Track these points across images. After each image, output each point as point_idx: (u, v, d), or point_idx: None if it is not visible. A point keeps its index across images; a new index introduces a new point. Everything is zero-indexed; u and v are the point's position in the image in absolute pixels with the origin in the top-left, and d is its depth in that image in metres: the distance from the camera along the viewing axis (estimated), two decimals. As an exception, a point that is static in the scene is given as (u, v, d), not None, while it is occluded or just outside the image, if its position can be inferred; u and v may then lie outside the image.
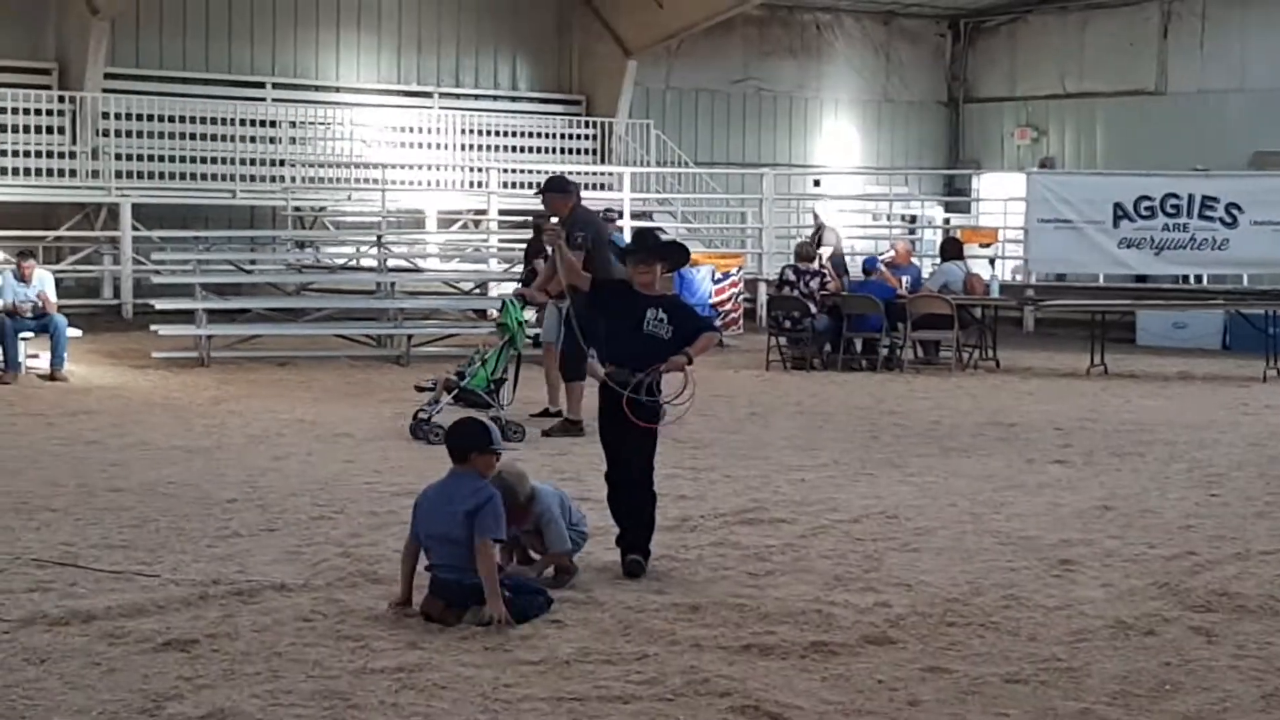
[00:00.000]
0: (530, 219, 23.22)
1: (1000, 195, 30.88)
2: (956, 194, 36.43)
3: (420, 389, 15.23)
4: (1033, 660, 7.62)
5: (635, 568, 9.28)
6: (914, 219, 33.80)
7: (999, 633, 8.13)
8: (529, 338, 16.26)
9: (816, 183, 35.19)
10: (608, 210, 23.34)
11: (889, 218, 34.10)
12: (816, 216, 24.41)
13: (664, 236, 14.27)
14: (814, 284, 21.51)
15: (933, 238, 31.54)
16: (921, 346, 22.31)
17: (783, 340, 21.83)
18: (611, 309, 9.70)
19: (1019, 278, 27.61)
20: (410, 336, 21.72)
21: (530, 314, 16.58)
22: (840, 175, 35.34)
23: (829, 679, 7.28)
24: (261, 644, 7.61)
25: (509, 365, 15.02)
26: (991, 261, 29.95)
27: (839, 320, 21.51)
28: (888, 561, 9.77)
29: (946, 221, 33.01)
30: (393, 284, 23.17)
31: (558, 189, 15.24)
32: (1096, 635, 8.08)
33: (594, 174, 31.04)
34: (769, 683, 7.16)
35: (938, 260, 24.04)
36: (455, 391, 14.70)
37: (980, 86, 38.12)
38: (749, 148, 35.32)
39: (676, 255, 10.19)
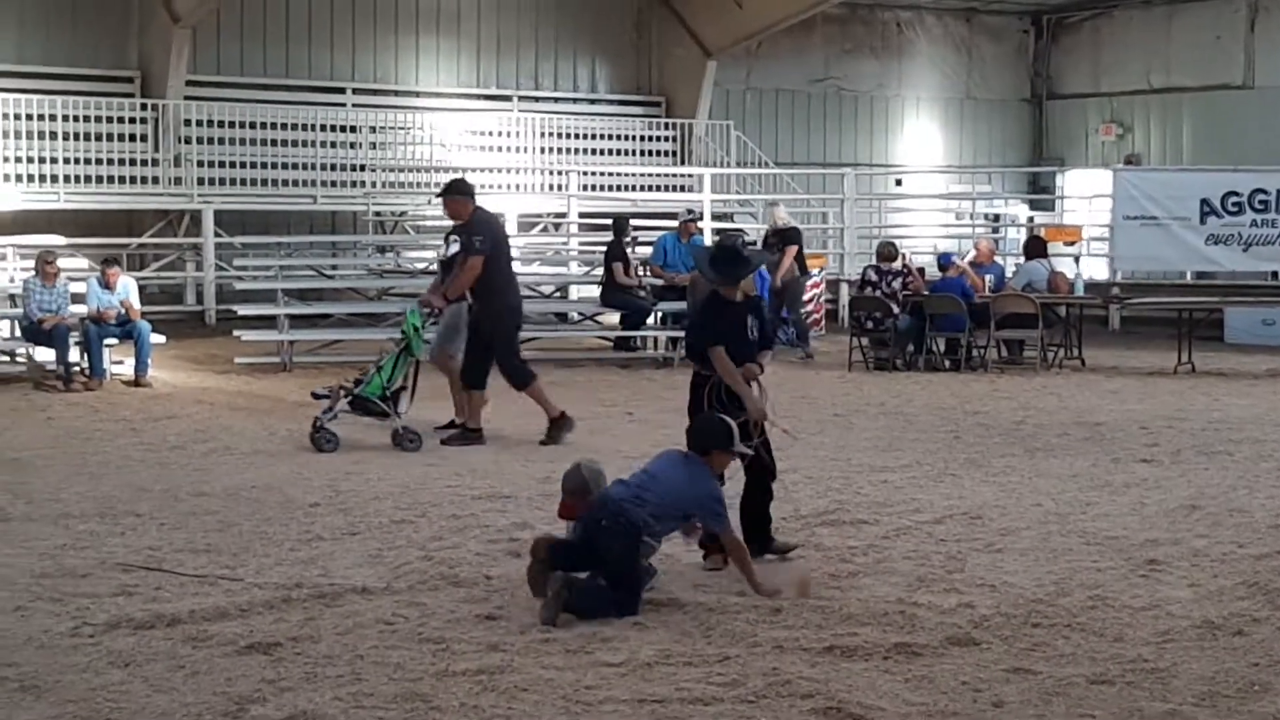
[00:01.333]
0: (611, 221, 23.19)
1: (1085, 193, 30.61)
2: (1040, 192, 36.11)
3: (316, 396, 14.80)
4: (1119, 661, 7.53)
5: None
6: (997, 218, 33.54)
7: (1084, 633, 8.03)
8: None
9: (898, 182, 35.03)
10: (688, 212, 23.29)
11: (972, 217, 33.86)
12: (776, 220, 23.95)
13: (744, 239, 14.18)
14: (896, 284, 21.39)
15: (1016, 236, 31.31)
16: (1006, 346, 22.11)
17: (865, 341, 21.71)
18: (726, 321, 9.90)
19: (1105, 276, 27.32)
20: (491, 340, 21.70)
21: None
22: (922, 174, 35.11)
23: (912, 680, 7.21)
24: (343, 646, 7.63)
25: (406, 373, 14.63)
26: (1076, 260, 29.72)
27: (922, 320, 21.36)
28: (971, 562, 9.69)
29: (1030, 220, 32.71)
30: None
31: (458, 191, 14.95)
32: (1183, 636, 7.97)
33: (674, 175, 31.01)
34: (852, 684, 7.11)
35: (1021, 259, 23.82)
36: (350, 399, 14.40)
37: (1064, 83, 37.79)
38: (829, 148, 35.17)
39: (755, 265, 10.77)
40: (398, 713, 6.61)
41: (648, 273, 22.71)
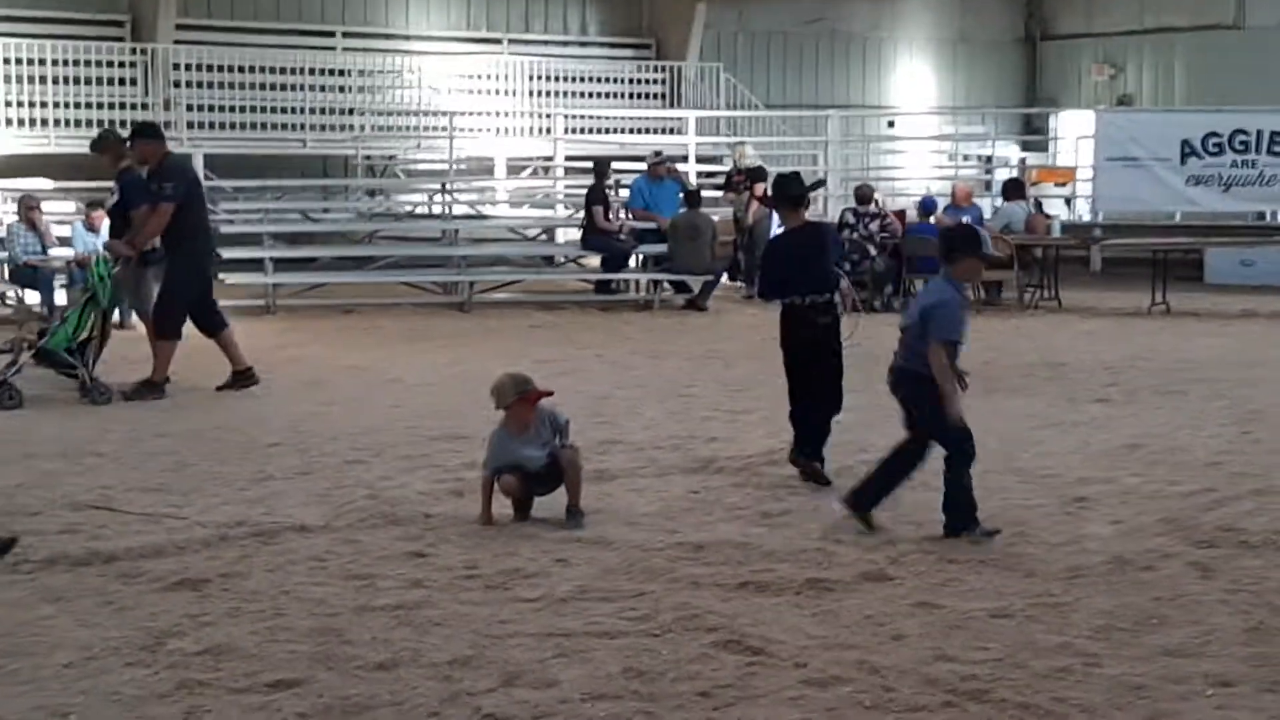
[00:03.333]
0: (592, 164, 23.32)
1: (1075, 134, 30.64)
2: (1035, 134, 36.12)
3: None
4: (1024, 596, 7.73)
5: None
6: (989, 159, 33.57)
7: (997, 569, 8.24)
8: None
9: (891, 124, 35.08)
10: (655, 154, 23.33)
11: (965, 158, 33.92)
12: (742, 158, 23.91)
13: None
14: (873, 226, 21.54)
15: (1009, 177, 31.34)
16: (984, 288, 22.24)
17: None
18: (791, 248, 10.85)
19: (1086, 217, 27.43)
20: (473, 283, 21.94)
21: None
22: (915, 116, 35.14)
23: (818, 614, 7.42)
24: (271, 583, 7.86)
25: (93, 323, 13.92)
26: (1068, 201, 29.83)
27: (899, 262, 21.50)
28: (905, 501, 9.84)
29: (1022, 161, 32.75)
30: (456, 231, 23.38)
31: (148, 135, 14.52)
32: (1093, 571, 8.18)
33: (661, 119, 31.06)
34: (758, 619, 7.32)
35: (999, 201, 23.96)
36: (35, 351, 13.81)
37: (1058, 23, 37.76)
38: (822, 90, 35.15)
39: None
40: (310, 645, 6.83)
41: (630, 216, 22.84)
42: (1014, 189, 23.53)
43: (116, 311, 15.53)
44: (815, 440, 10.80)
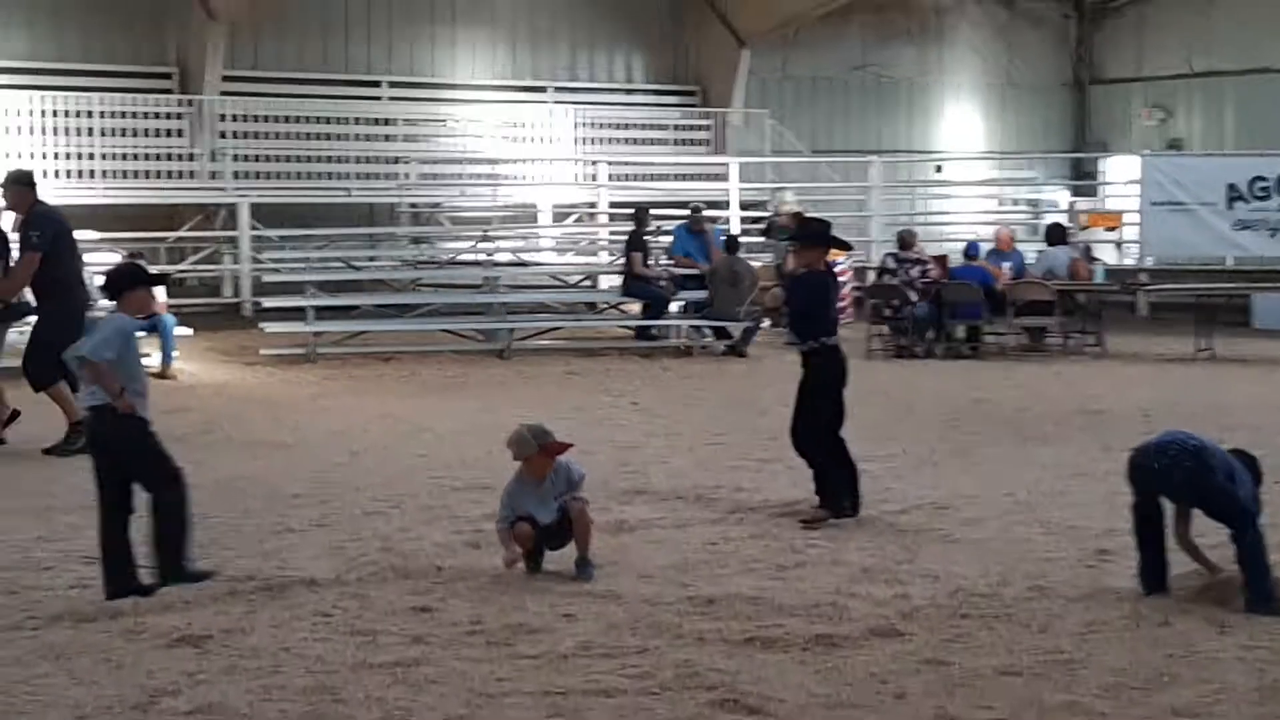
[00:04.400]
0: (632, 211, 23.32)
1: (1123, 178, 30.45)
2: (1085, 178, 35.92)
3: None
4: (1035, 652, 7.61)
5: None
6: (1037, 204, 33.41)
7: (1011, 624, 8.12)
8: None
9: (939, 169, 34.96)
10: (694, 209, 23.32)
11: (1014, 203, 33.74)
12: (781, 207, 23.71)
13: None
14: (914, 272, 21.43)
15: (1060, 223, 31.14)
16: (1027, 333, 22.10)
17: (884, 329, 21.75)
18: (813, 290, 11.07)
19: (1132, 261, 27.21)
20: (512, 330, 21.94)
21: None
22: (963, 160, 35.00)
23: (822, 672, 7.32)
24: (273, 639, 7.81)
25: None
26: (1118, 245, 29.61)
27: (940, 307, 21.38)
28: (923, 553, 9.77)
29: (1071, 206, 32.55)
30: (498, 278, 23.38)
31: (19, 181, 14.12)
32: (1108, 626, 8.04)
33: (705, 165, 31.05)
34: (760, 676, 7.22)
35: (1043, 246, 23.80)
36: None
37: (1106, 67, 37.55)
38: (868, 135, 35.06)
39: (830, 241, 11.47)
40: (301, 704, 6.78)
41: (671, 262, 22.82)
42: (1057, 234, 23.36)
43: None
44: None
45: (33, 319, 14.52)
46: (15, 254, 14.16)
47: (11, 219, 15.13)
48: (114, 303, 9.11)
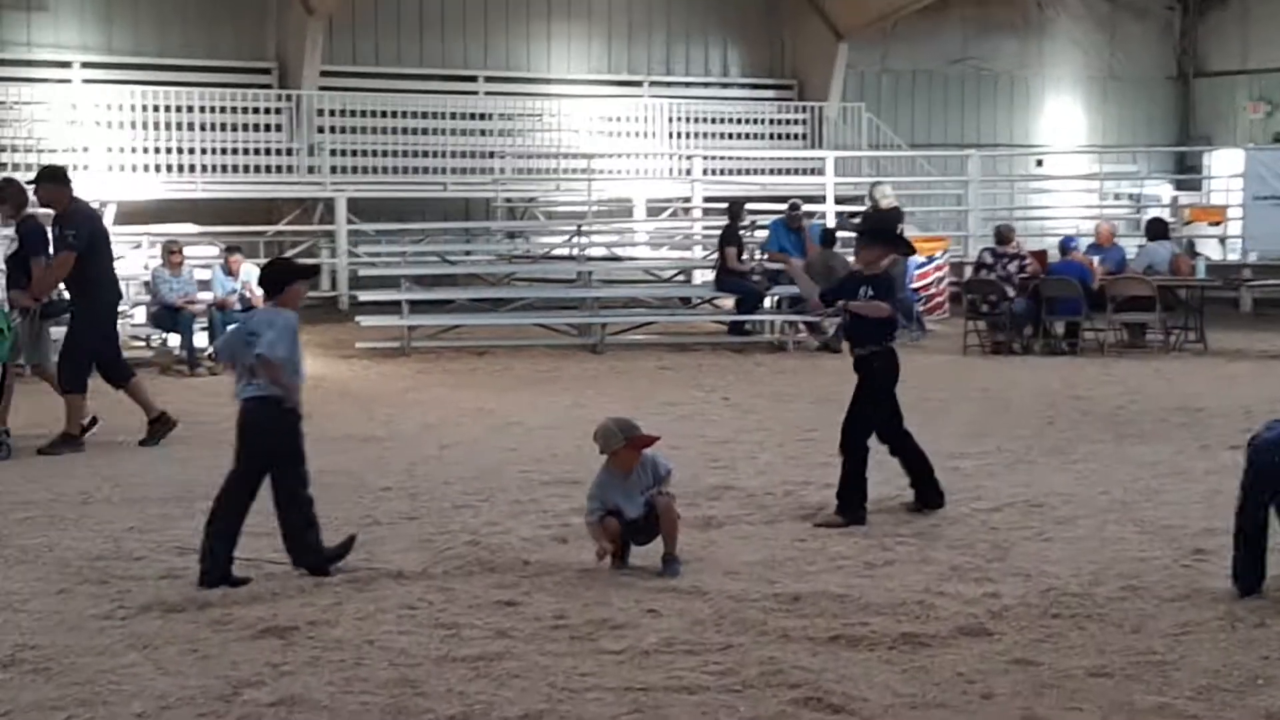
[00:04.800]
0: (727, 205, 23.23)
1: (1227, 172, 30.02)
2: (1189, 172, 35.42)
3: None
4: (1127, 653, 7.46)
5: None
6: (1139, 198, 32.98)
7: (1103, 624, 7.97)
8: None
9: (1039, 163, 34.59)
10: (792, 206, 23.20)
11: (1115, 197, 33.33)
12: (878, 200, 23.32)
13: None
14: (1012, 267, 21.19)
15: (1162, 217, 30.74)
16: (1127, 330, 21.80)
17: (981, 324, 21.53)
18: (845, 290, 10.88)
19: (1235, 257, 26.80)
20: (605, 325, 21.92)
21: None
22: (1063, 154, 34.62)
23: (909, 671, 7.22)
24: (357, 631, 7.81)
25: None
26: (1222, 240, 29.18)
27: (1038, 303, 21.14)
28: (1015, 552, 9.63)
29: (1174, 200, 32.12)
30: (590, 273, 23.39)
31: (52, 179, 13.82)
32: (1202, 628, 7.88)
33: (800, 159, 30.91)
34: (845, 674, 7.13)
35: (1144, 241, 23.48)
36: None
37: (1211, 60, 37.05)
38: (968, 129, 34.82)
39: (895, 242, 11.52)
40: (383, 698, 6.76)
41: (765, 257, 22.72)
42: (1158, 228, 23.02)
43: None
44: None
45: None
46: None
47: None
48: (271, 299, 9.27)
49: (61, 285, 14.03)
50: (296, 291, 9.25)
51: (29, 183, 14.35)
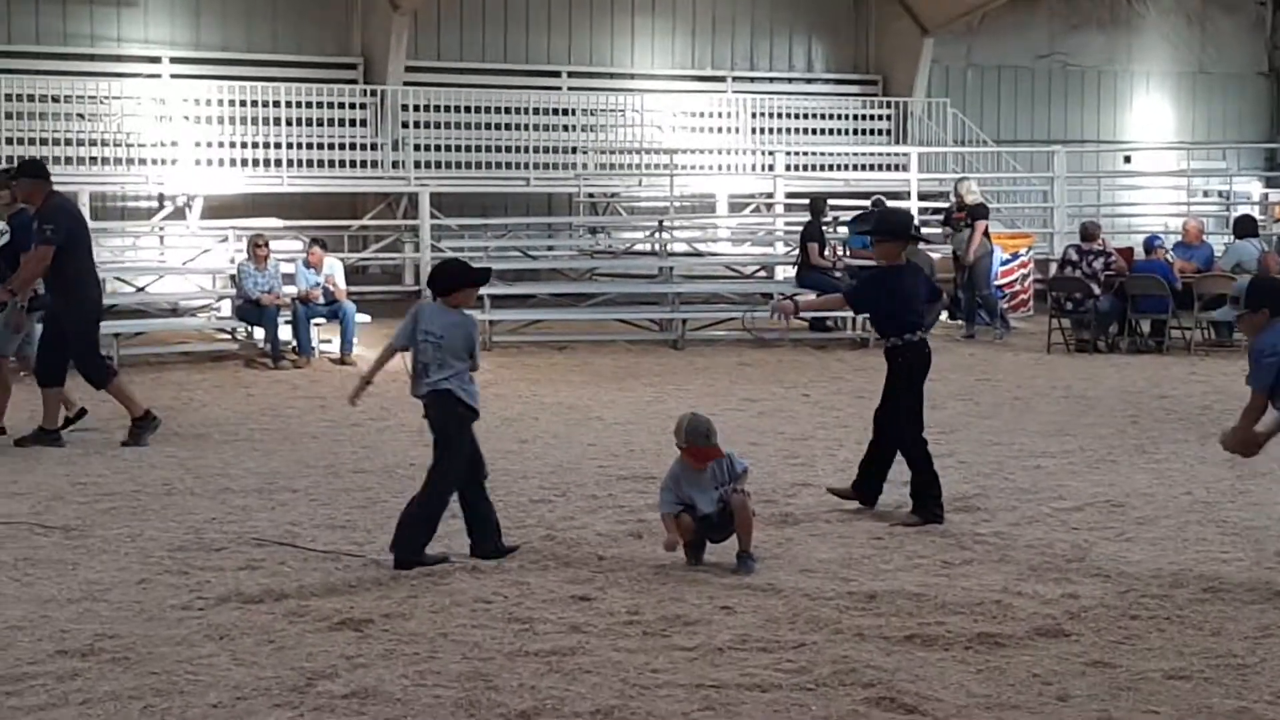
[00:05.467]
0: (809, 201, 23.15)
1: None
2: (1279, 169, 34.97)
3: None
4: (1206, 656, 7.37)
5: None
6: (1228, 195, 32.58)
7: (1182, 626, 7.88)
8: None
9: (1127, 159, 34.26)
10: (874, 202, 23.09)
11: (1204, 194, 32.95)
12: (964, 195, 23.01)
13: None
14: (1097, 264, 21.00)
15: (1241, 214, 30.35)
16: (1214, 328, 21.55)
17: (1066, 322, 21.35)
18: (888, 287, 10.79)
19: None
20: (686, 321, 21.91)
21: None
22: (1152, 150, 34.27)
23: (984, 671, 7.16)
24: (432, 625, 7.84)
25: None
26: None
27: (1124, 301, 20.94)
28: (1095, 552, 9.54)
29: (1264, 197, 31.71)
30: (671, 269, 23.38)
31: (29, 174, 13.60)
32: (1284, 631, 7.78)
33: (883, 155, 30.76)
34: (919, 674, 7.08)
35: (1231, 238, 23.20)
36: None
37: (1303, 55, 36.58)
38: (1054, 125, 34.52)
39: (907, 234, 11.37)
40: (456, 691, 6.78)
41: (847, 253, 22.62)
42: (1246, 226, 22.74)
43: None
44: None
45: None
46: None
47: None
48: (441, 299, 9.50)
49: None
50: (466, 296, 9.49)
51: (9, 178, 14.18)
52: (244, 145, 26.61)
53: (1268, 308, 8.75)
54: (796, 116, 31.11)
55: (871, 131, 31.88)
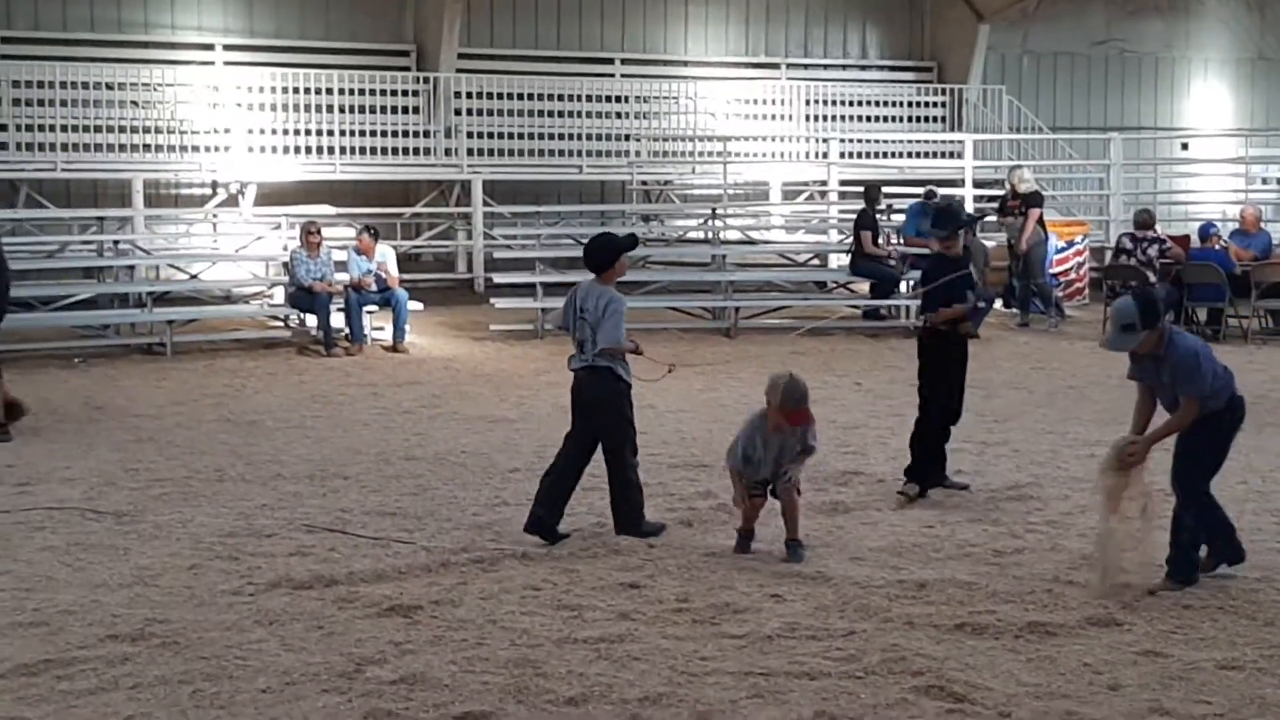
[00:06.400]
0: (862, 189, 23.04)
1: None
2: (1338, 155, 34.61)
3: None
4: (1260, 646, 7.32)
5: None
6: (1286, 182, 32.33)
7: (1235, 616, 7.82)
8: None
9: (1184, 146, 33.95)
10: (928, 192, 22.96)
11: (1263, 181, 32.63)
12: (1017, 184, 22.78)
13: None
14: (1152, 251, 20.82)
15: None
16: (1271, 316, 21.35)
17: (1120, 310, 21.14)
18: (932, 277, 11.32)
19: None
20: (739, 309, 21.85)
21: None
22: (1210, 138, 33.95)
23: (1034, 660, 7.13)
24: (480, 611, 7.85)
25: None
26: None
27: (1180, 290, 20.76)
28: (1147, 540, 9.44)
29: (1323, 185, 31.42)
30: (724, 256, 23.32)
31: None
32: (1339, 622, 7.70)
33: (938, 142, 30.59)
34: (969, 663, 7.05)
35: (1290, 226, 22.99)
36: None
37: (1364, 40, 36.15)
38: (1111, 112, 34.23)
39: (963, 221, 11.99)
40: (504, 678, 6.79)
41: (901, 241, 22.51)
42: (1304, 214, 22.53)
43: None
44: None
45: None
46: None
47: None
48: (599, 275, 9.83)
49: None
50: (622, 266, 9.88)
51: None
52: (297, 133, 26.63)
53: None
54: (851, 104, 30.94)
55: (926, 119, 31.69)
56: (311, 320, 20.41)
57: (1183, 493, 8.50)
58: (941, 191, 23.49)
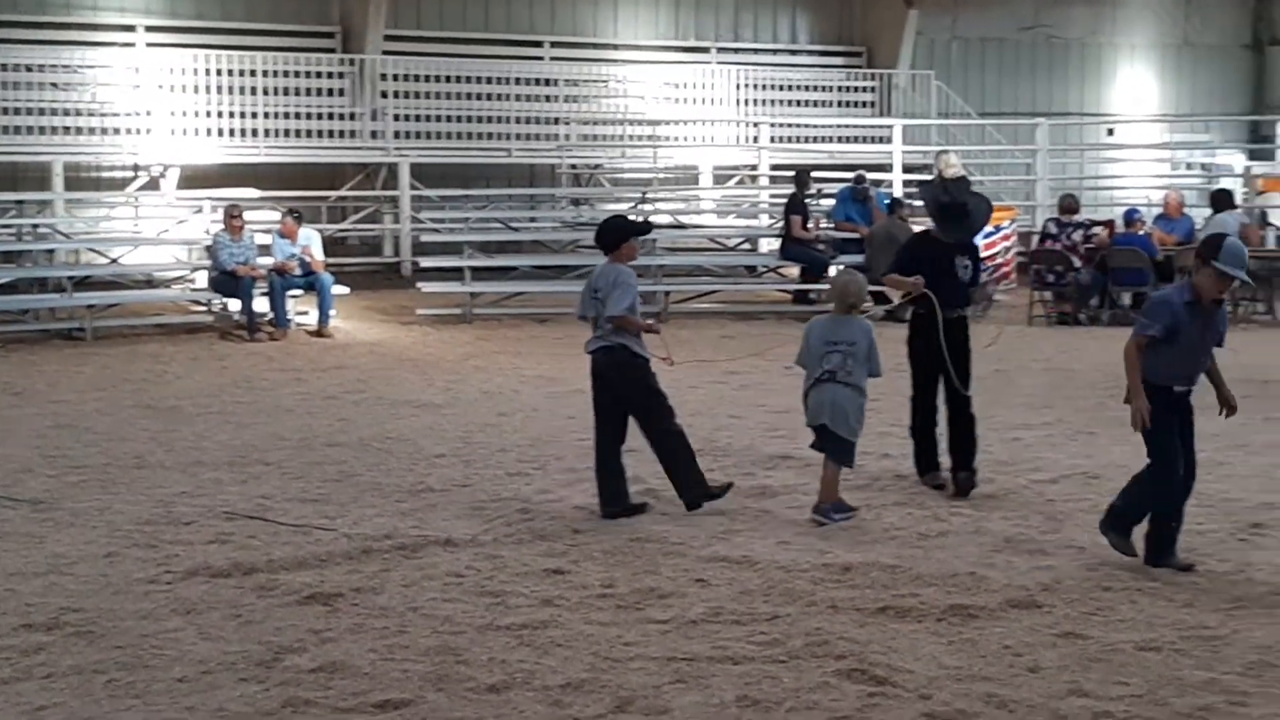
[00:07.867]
0: (793, 173, 23.06)
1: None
2: (1263, 142, 34.89)
3: None
4: (1177, 627, 7.35)
5: (968, 483, 10.39)
6: (1210, 168, 32.53)
7: (1154, 598, 7.86)
8: None
9: (1110, 132, 34.18)
10: (858, 179, 22.99)
11: (1188, 167, 32.89)
12: (945, 169, 22.84)
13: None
14: (1076, 236, 20.93)
15: (1233, 188, 30.28)
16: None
17: (1047, 295, 21.29)
18: (927, 259, 10.83)
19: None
20: (669, 293, 21.81)
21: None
22: (1135, 123, 34.19)
23: (955, 643, 7.13)
24: (402, 599, 7.79)
25: None
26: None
27: (1104, 274, 20.88)
28: (1069, 524, 9.51)
29: (1247, 170, 31.62)
30: (655, 240, 23.25)
31: None
32: (1256, 603, 7.77)
33: (867, 127, 30.65)
34: (891, 646, 7.05)
35: (1210, 212, 23.12)
36: None
37: (1287, 28, 36.50)
38: (1039, 97, 34.41)
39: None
40: (425, 665, 6.73)
41: (833, 226, 22.55)
42: (1223, 200, 22.65)
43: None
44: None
45: None
46: None
47: None
48: (609, 255, 9.98)
49: None
50: (631, 248, 10.02)
51: None
52: (220, 115, 26.38)
53: None
54: (781, 88, 30.96)
55: (856, 104, 31.75)
56: (234, 305, 20.23)
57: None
58: (870, 176, 23.50)
